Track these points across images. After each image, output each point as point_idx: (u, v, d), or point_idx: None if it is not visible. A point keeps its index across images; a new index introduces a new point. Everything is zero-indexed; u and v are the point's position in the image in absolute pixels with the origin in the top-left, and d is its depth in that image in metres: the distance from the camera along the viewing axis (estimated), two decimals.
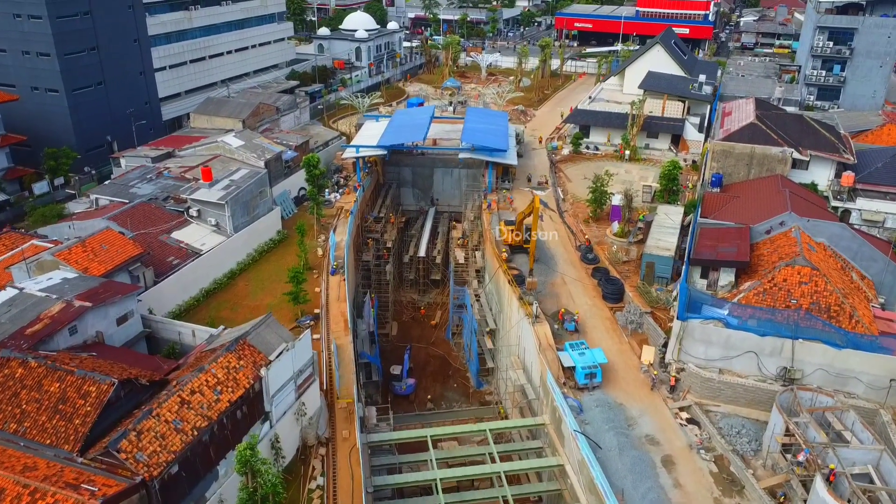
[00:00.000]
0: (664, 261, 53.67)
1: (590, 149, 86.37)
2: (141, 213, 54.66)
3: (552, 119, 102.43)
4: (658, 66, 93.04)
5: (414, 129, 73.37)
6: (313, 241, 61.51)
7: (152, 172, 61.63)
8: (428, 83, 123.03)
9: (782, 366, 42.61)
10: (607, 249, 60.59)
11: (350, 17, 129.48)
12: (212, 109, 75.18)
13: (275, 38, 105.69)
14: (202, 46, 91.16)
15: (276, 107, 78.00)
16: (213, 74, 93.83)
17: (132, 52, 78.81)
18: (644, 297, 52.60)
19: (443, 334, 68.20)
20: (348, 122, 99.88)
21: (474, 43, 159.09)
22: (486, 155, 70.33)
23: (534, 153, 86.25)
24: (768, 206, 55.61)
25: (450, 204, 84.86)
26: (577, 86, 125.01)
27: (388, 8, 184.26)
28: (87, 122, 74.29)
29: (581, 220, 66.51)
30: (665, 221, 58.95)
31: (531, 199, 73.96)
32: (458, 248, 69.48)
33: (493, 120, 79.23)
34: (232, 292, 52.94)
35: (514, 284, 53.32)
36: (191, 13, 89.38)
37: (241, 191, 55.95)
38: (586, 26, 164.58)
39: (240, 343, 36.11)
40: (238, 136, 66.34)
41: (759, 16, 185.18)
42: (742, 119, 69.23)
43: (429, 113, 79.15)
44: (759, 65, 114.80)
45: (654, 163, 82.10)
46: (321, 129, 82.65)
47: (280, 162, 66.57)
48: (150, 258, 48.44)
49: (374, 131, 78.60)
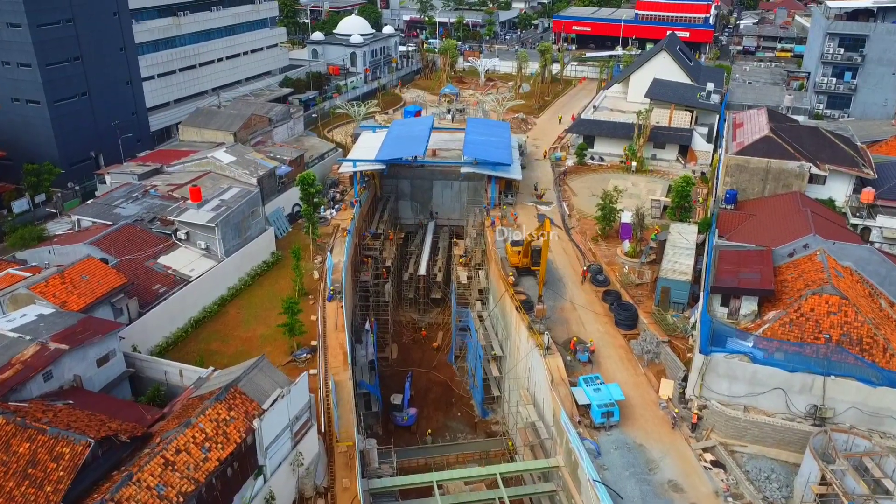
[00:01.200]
0: (680, 286, 50.83)
1: (594, 160, 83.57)
2: (125, 236, 51.44)
3: (553, 127, 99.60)
4: (663, 73, 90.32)
5: (413, 141, 70.35)
6: (309, 262, 58.43)
7: (138, 191, 58.39)
8: (425, 89, 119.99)
9: (812, 404, 39.95)
10: (618, 270, 57.73)
11: (344, 21, 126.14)
12: (201, 121, 71.85)
13: (267, 45, 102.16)
14: (192, 54, 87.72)
15: (268, 118, 74.78)
16: (204, 83, 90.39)
17: (118, 60, 75.44)
18: (660, 325, 49.78)
19: (445, 357, 65.21)
20: (344, 131, 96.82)
21: (471, 47, 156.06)
22: (490, 169, 67.37)
23: (536, 164, 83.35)
24: (789, 227, 52.84)
25: (450, 217, 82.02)
26: (578, 91, 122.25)
27: (382, 10, 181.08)
28: (70, 135, 70.92)
29: (589, 238, 63.62)
30: (679, 241, 56.09)
31: (535, 214, 72.01)
32: (461, 267, 66.52)
33: (496, 131, 76.25)
34: (223, 321, 49.78)
35: (522, 311, 50.37)
36: (179, 19, 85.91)
37: (231, 212, 52.81)
38: (584, 29, 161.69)
39: (230, 391, 33.01)
40: (229, 150, 63.14)
41: (758, 18, 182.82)
42: (755, 131, 66.48)
43: (428, 124, 76.13)
44: (764, 71, 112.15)
45: (662, 174, 79.40)
46: (316, 141, 79.50)
47: (273, 178, 63.42)
48: (134, 288, 45.24)
49: (372, 143, 75.54)
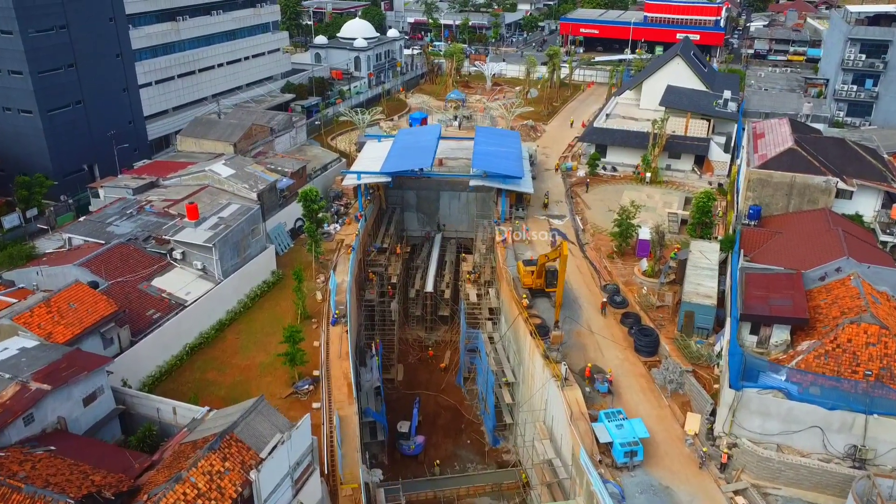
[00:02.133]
0: (705, 310, 47.96)
1: (606, 170, 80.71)
2: (118, 256, 48.74)
3: (563, 134, 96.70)
4: (677, 79, 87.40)
5: (420, 152, 67.58)
6: (312, 282, 55.70)
7: (133, 207, 55.69)
8: (430, 94, 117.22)
9: (852, 444, 37.13)
10: (636, 291, 54.89)
11: (348, 24, 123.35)
12: (200, 132, 69.12)
13: (269, 49, 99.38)
14: (191, 60, 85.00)
15: (269, 127, 72.05)
16: (203, 89, 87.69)
17: (114, 67, 72.77)
18: (683, 352, 46.94)
19: (453, 379, 62.46)
20: (348, 138, 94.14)
21: (477, 49, 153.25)
22: (500, 182, 64.56)
23: (546, 175, 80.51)
24: (819, 247, 49.93)
25: (457, 230, 79.34)
26: (587, 96, 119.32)
27: (386, 12, 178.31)
28: (64, 145, 68.26)
29: (604, 256, 60.80)
30: (701, 261, 53.23)
31: (548, 229, 69.11)
32: (470, 285, 63.68)
33: (506, 141, 73.42)
34: (220, 348, 47.04)
35: (536, 337, 47.57)
36: (178, 24, 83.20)
37: (230, 230, 50.07)
38: (592, 32, 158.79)
39: (225, 439, 30.26)
40: (228, 163, 60.43)
41: (768, 21, 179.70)
42: (778, 143, 63.56)
43: (435, 133, 73.33)
44: (780, 76, 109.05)
45: (678, 186, 76.52)
46: (319, 151, 76.74)
47: (274, 192, 60.68)
48: (126, 315, 42.50)
49: (377, 153, 72.78)
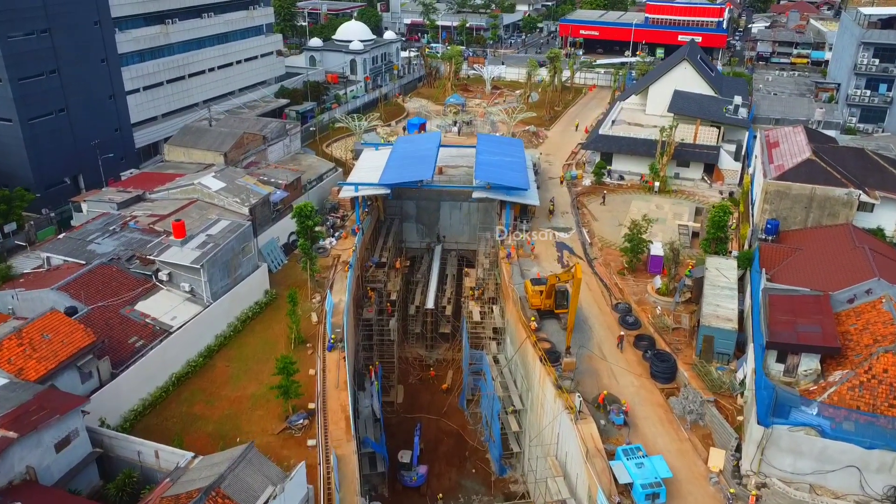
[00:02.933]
0: (726, 335, 45.07)
1: (612, 178, 77.87)
2: (99, 278, 45.62)
3: (566, 140, 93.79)
4: (684, 84, 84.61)
5: (419, 162, 64.59)
6: (307, 302, 52.64)
7: (117, 223, 52.52)
8: (428, 98, 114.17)
9: (891, 485, 34.41)
10: (650, 311, 51.98)
11: (344, 26, 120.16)
12: (189, 141, 65.92)
13: (262, 53, 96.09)
14: (181, 64, 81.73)
15: (262, 136, 68.90)
16: (194, 95, 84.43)
17: (99, 73, 69.58)
18: (703, 379, 44.08)
19: (456, 401, 59.50)
20: (344, 145, 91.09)
21: (475, 51, 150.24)
22: (504, 194, 61.59)
23: (551, 183, 77.57)
24: (845, 266, 47.11)
25: (458, 241, 76.41)
26: (589, 100, 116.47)
27: (382, 14, 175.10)
28: (46, 155, 65.05)
29: (615, 272, 57.90)
30: (718, 280, 50.37)
31: (554, 242, 65.94)
32: (473, 302, 60.75)
33: (509, 150, 70.45)
34: (209, 378, 43.92)
35: (547, 363, 44.62)
36: (167, 27, 79.93)
37: (219, 250, 46.98)
38: (592, 34, 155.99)
39: (211, 496, 27.23)
40: (218, 175, 57.30)
41: (770, 22, 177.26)
42: (795, 152, 60.80)
43: (435, 141, 70.35)
44: (788, 80, 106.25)
45: (687, 195, 73.68)
46: (314, 160, 73.62)
47: (267, 206, 57.57)
48: (106, 345, 39.40)
49: (374, 163, 69.78)
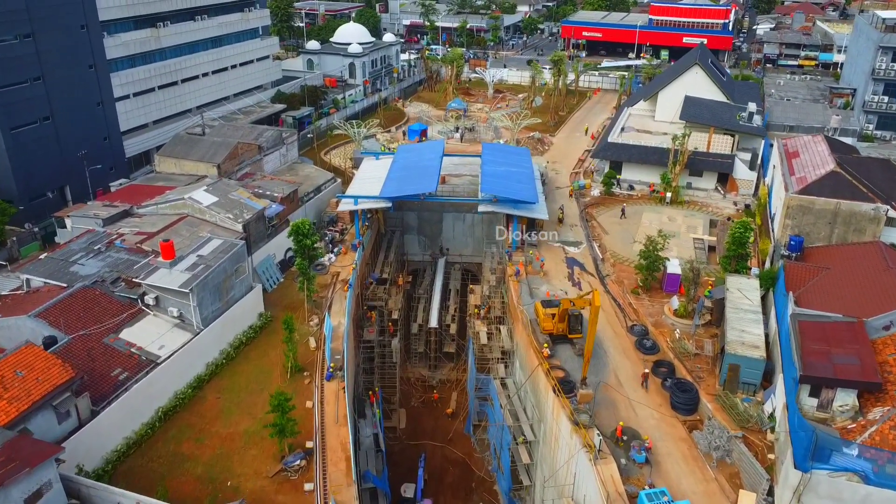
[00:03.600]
0: (753, 363, 42.07)
1: (622, 188, 74.92)
2: (82, 303, 42.55)
3: (572, 147, 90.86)
4: (696, 89, 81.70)
5: (422, 173, 61.57)
6: (304, 325, 49.63)
7: (102, 241, 49.43)
8: (429, 102, 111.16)
9: None
10: (668, 335, 49.02)
11: (342, 28, 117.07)
12: (180, 151, 62.81)
13: (258, 57, 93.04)
14: (173, 69, 78.65)
15: (257, 145, 65.81)
16: (187, 101, 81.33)
17: (87, 79, 66.49)
18: (728, 412, 41.13)
19: (462, 427, 56.54)
20: (343, 152, 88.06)
21: (475, 54, 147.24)
22: (512, 207, 58.57)
23: (558, 194, 74.57)
24: (878, 289, 44.15)
25: (462, 253, 73.51)
26: (594, 104, 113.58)
27: (381, 15, 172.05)
28: (30, 166, 61.96)
29: (628, 290, 54.94)
30: (741, 302, 47.38)
31: (563, 257, 62.66)
32: (479, 322, 57.79)
33: (515, 159, 67.46)
34: (198, 412, 40.86)
35: (561, 395, 41.64)
36: (159, 31, 76.79)
37: (211, 272, 43.94)
38: (595, 35, 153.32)
39: None
40: (210, 189, 54.23)
41: (774, 23, 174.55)
42: (817, 164, 57.92)
43: (438, 151, 67.34)
44: (800, 85, 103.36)
45: (700, 207, 70.76)
46: (311, 170, 70.54)
47: (262, 222, 54.54)
48: (85, 381, 36.35)
49: (374, 173, 66.77)
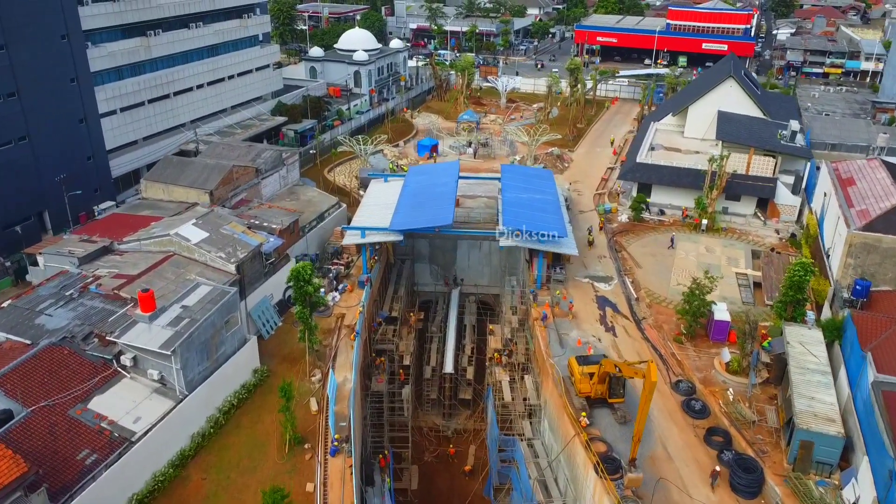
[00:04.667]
0: (829, 441, 35.91)
1: (651, 212, 68.85)
2: (47, 365, 36.64)
3: (593, 164, 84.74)
4: (729, 104, 75.50)
5: (437, 202, 55.49)
6: (304, 381, 43.65)
7: (75, 285, 43.47)
8: (439, 113, 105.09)
9: None
10: (720, 395, 42.90)
11: (347, 34, 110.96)
12: (169, 175, 56.82)
13: (257, 66, 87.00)
14: (164, 81, 72.66)
15: (255, 168, 59.84)
16: (180, 115, 75.35)
17: (68, 94, 60.53)
18: (800, 498, 35.10)
19: (481, 489, 50.45)
20: (348, 169, 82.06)
21: (486, 59, 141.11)
22: (537, 242, 52.43)
23: (581, 218, 68.53)
24: None
25: (477, 283, 67.53)
26: (613, 115, 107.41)
27: (387, 18, 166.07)
28: (4, 190, 55.95)
29: (670, 337, 48.83)
30: (805, 360, 41.20)
31: (593, 297, 55.71)
32: (500, 369, 51.76)
33: (538, 184, 61.32)
34: (180, 496, 34.79)
35: (604, 475, 35.60)
36: (149, 40, 70.81)
37: (197, 327, 37.99)
38: (610, 41, 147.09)
39: None
40: (200, 223, 48.22)
41: (795, 28, 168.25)
42: (879, 194, 51.79)
43: (452, 174, 61.31)
44: (835, 97, 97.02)
45: (739, 235, 64.64)
46: (314, 194, 64.53)
47: (259, 260, 48.53)
48: (42, 475, 30.36)
49: (383, 198, 60.82)
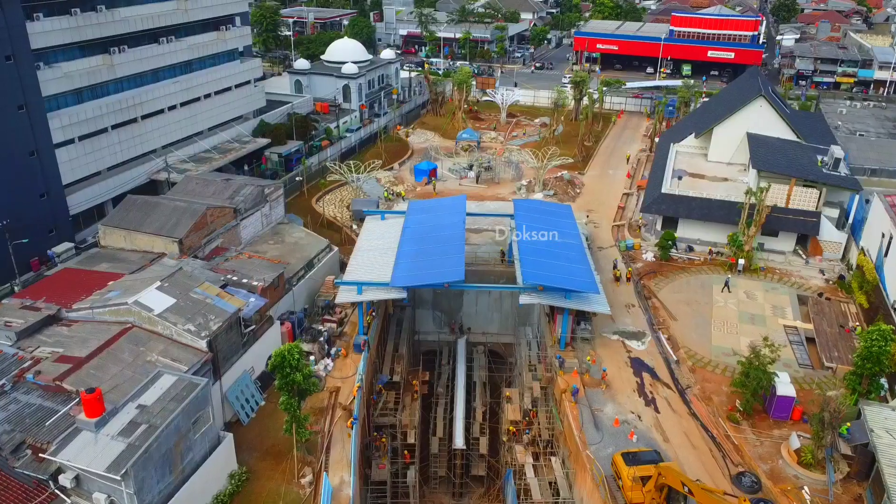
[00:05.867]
0: None
1: (678, 249, 61.69)
2: None
3: (606, 189, 77.37)
4: (758, 125, 68.47)
5: (444, 251, 47.70)
6: (292, 484, 35.92)
7: (9, 372, 35.37)
8: (435, 130, 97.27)
9: None
10: (793, 496, 35.64)
11: (335, 45, 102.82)
12: (132, 220, 48.67)
13: (237, 82, 78.78)
14: (131, 104, 64.29)
15: (232, 209, 51.95)
16: (149, 140, 66.99)
17: (16, 123, 52.26)
18: None
19: None
20: (339, 198, 74.15)
21: (480, 68, 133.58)
22: (562, 298, 44.94)
23: (601, 256, 61.22)
24: None
25: (486, 331, 60.29)
26: (621, 130, 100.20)
27: (376, 24, 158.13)
28: None
29: (721, 413, 41.52)
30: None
31: (626, 359, 47.77)
32: (520, 448, 44.22)
33: (556, 223, 53.63)
34: None
35: None
36: (112, 58, 62.48)
37: (157, 436, 30.17)
38: (611, 48, 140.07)
39: None
40: (166, 286, 40.24)
41: (799, 33, 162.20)
42: None
43: (460, 214, 53.56)
44: (863, 113, 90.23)
45: (780, 275, 57.59)
46: (301, 234, 56.63)
47: (236, 329, 40.65)
48: None
49: (381, 240, 53.16)
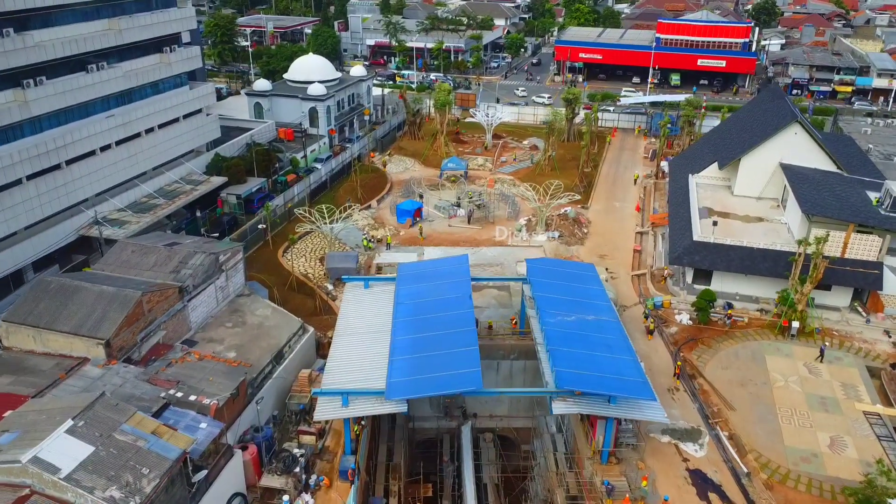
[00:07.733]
0: None
1: (713, 306, 52.53)
2: None
3: (616, 227, 67.83)
4: (792, 155, 59.87)
5: (453, 346, 37.40)
6: None
7: None
8: (414, 156, 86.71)
9: None
10: None
11: (298, 62, 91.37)
12: (44, 315, 37.24)
13: (186, 112, 67.28)
14: (53, 147, 52.44)
15: (178, 287, 40.88)
16: (77, 190, 55.27)
17: None
18: None
19: None
20: (310, 247, 63.17)
21: (457, 83, 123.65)
22: (605, 405, 35.07)
23: (626, 317, 51.60)
24: None
25: (493, 414, 50.32)
26: (618, 151, 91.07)
27: (341, 34, 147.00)
28: None
29: None
30: None
31: (682, 472, 38.40)
32: None
33: (583, 291, 43.59)
34: None
35: None
36: (24, 92, 50.72)
37: None
38: (595, 57, 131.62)
39: None
40: (79, 427, 29.07)
41: (784, 38, 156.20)
42: None
43: (464, 282, 43.39)
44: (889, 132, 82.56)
45: (839, 339, 48.77)
46: (267, 312, 45.58)
47: (181, 481, 29.69)
48: None
49: (367, 321, 42.73)
